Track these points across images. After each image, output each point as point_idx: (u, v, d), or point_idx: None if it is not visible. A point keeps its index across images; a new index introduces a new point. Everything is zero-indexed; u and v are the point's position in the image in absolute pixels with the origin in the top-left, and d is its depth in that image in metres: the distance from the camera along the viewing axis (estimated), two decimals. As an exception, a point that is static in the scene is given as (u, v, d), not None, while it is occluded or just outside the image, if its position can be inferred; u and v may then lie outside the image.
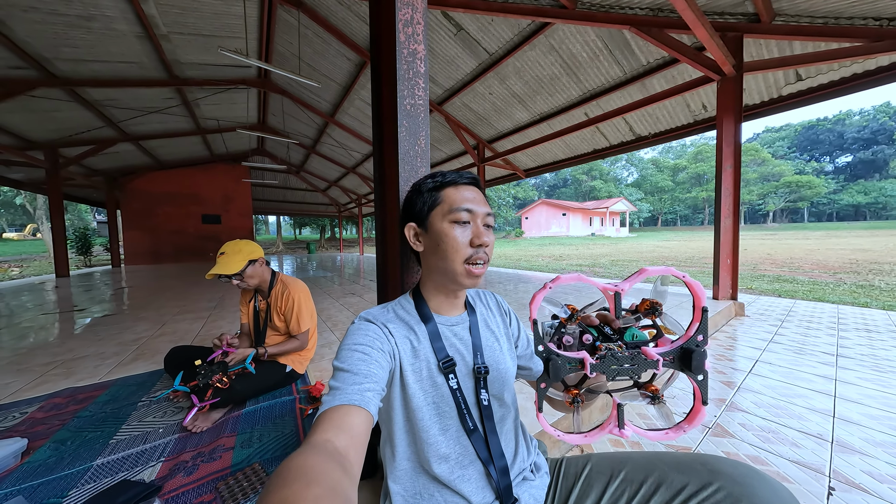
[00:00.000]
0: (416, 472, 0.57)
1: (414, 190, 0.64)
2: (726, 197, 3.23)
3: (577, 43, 4.12)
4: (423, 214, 0.60)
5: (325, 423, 0.40)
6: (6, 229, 39.46)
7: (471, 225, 0.58)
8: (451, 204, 0.58)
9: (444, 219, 0.58)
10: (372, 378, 0.47)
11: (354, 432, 0.40)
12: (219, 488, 0.93)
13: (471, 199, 0.58)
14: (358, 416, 0.42)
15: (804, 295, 4.12)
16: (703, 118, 4.51)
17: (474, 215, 0.58)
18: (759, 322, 2.85)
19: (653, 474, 0.54)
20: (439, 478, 0.54)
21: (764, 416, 1.40)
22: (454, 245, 0.56)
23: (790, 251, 10.74)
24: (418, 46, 0.81)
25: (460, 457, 0.56)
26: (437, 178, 0.62)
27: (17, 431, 1.29)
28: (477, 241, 0.56)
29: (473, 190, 0.61)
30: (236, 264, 1.42)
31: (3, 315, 3.57)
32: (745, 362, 1.98)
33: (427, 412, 0.55)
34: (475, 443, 0.57)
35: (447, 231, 0.57)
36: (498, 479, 0.55)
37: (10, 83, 4.89)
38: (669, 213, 56.07)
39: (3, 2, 3.71)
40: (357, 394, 0.44)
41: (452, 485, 0.54)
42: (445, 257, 0.57)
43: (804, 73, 3.42)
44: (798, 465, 1.09)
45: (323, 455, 0.33)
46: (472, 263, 0.56)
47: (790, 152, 56.12)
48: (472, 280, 0.57)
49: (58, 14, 4.03)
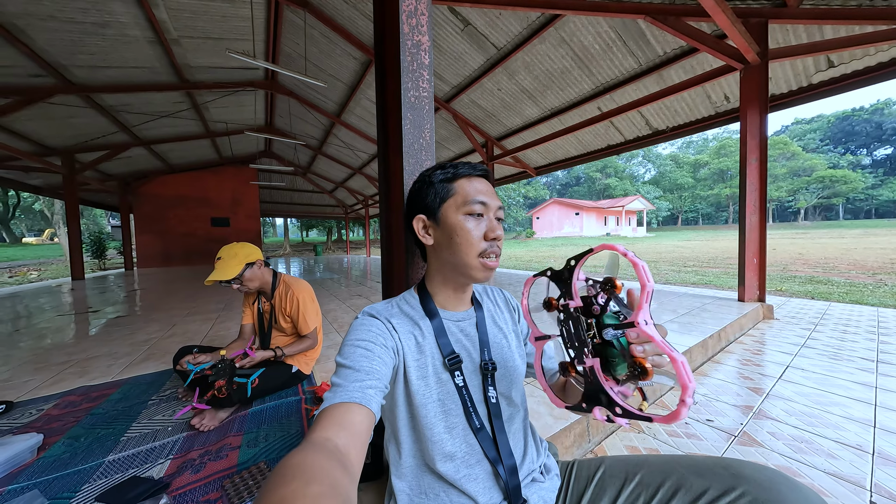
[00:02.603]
0: (421, 470, 0.57)
1: (423, 181, 0.63)
2: (752, 192, 3.13)
3: (588, 34, 4.08)
4: (435, 206, 0.60)
5: (325, 420, 0.40)
6: (26, 234, 41.67)
7: (485, 218, 0.58)
8: (466, 196, 0.57)
9: (458, 211, 0.57)
10: (374, 375, 0.47)
11: (355, 430, 0.40)
12: (225, 486, 0.95)
13: (484, 192, 0.58)
14: (359, 413, 0.42)
15: (840, 297, 3.93)
16: (726, 110, 4.38)
17: (488, 208, 0.58)
18: (790, 325, 2.73)
19: (670, 478, 0.53)
20: (445, 476, 0.54)
21: (796, 424, 1.34)
22: (468, 239, 0.56)
23: (824, 250, 10.27)
24: (422, 38, 0.81)
25: (467, 455, 0.56)
26: (449, 169, 0.61)
27: (33, 427, 1.35)
28: (491, 234, 0.57)
29: (485, 182, 0.61)
30: (233, 269, 1.43)
31: (23, 316, 3.77)
32: (774, 368, 1.90)
33: (432, 409, 0.55)
34: (482, 441, 0.56)
35: (462, 224, 0.56)
36: (507, 479, 0.55)
37: (30, 91, 5.18)
38: (690, 211, 54.52)
39: (25, 11, 3.94)
40: (358, 391, 0.44)
41: (458, 484, 0.54)
42: (459, 251, 0.56)
43: (836, 59, 3.28)
44: (835, 477, 1.04)
45: (323, 453, 0.34)
46: (485, 257, 0.56)
47: (823, 145, 53.78)
48: (486, 273, 0.57)
49: (75, 22, 4.25)
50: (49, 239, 37.08)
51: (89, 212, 33.13)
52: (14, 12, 3.91)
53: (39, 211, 31.23)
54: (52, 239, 36.85)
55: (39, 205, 26.90)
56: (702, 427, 1.35)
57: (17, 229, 38.08)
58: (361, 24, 4.99)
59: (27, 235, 41.42)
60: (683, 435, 1.30)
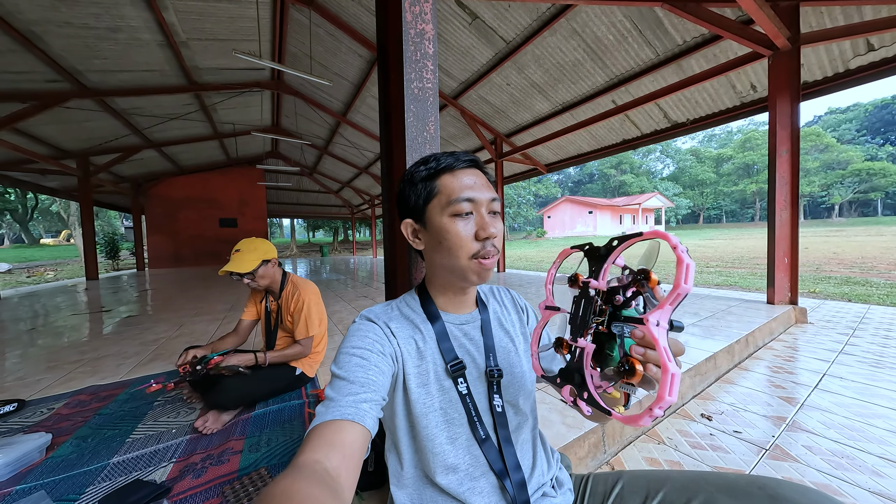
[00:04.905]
0: (422, 482, 0.55)
1: (406, 180, 0.58)
2: (782, 186, 2.99)
3: (602, 25, 3.99)
4: (420, 208, 0.56)
5: (315, 440, 0.39)
6: (44, 235, 43.80)
7: (474, 216, 0.53)
8: (450, 194, 0.53)
9: (443, 212, 0.53)
10: (370, 387, 0.46)
11: (347, 451, 0.38)
12: (225, 492, 0.95)
13: (471, 186, 0.53)
14: (352, 432, 0.40)
15: (880, 299, 3.72)
16: (752, 99, 4.21)
17: (477, 204, 0.53)
18: (826, 330, 2.60)
19: (697, 497, 0.49)
20: (447, 490, 0.52)
21: (835, 438, 1.26)
22: (457, 241, 0.52)
23: (861, 249, 9.78)
24: (426, 26, 0.80)
25: (470, 468, 0.54)
26: (431, 163, 0.56)
27: (44, 426, 1.39)
28: (483, 233, 0.52)
29: (473, 173, 0.55)
30: (250, 263, 1.45)
31: (39, 315, 3.94)
32: (809, 376, 1.80)
33: (433, 419, 0.53)
34: (487, 453, 0.54)
35: (448, 226, 0.52)
36: (514, 494, 0.52)
37: (47, 96, 5.43)
38: (713, 208, 52.81)
39: (43, 18, 4.13)
40: (352, 406, 0.42)
41: (462, 497, 0.52)
42: (449, 255, 0.53)
43: (877, 41, 3.11)
44: (881, 496, 0.96)
45: (310, 479, 0.32)
46: (480, 258, 0.52)
47: (859, 136, 51.23)
48: (483, 275, 0.54)
49: (89, 27, 4.43)
50: (65, 240, 38.86)
51: (104, 213, 34.59)
52: (32, 19, 4.10)
53: (56, 213, 32.76)
54: (68, 240, 38.60)
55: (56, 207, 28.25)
56: (728, 439, 1.29)
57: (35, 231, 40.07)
58: (367, 20, 5.03)
59: (45, 237, 43.53)
60: (709, 447, 1.24)
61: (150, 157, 9.33)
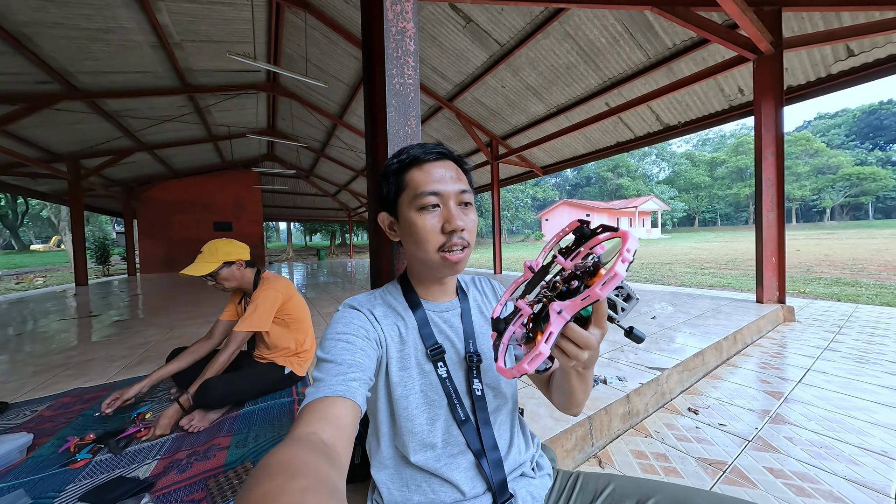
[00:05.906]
0: (402, 461, 0.56)
1: (381, 174, 0.60)
2: (768, 188, 3.06)
3: (594, 28, 4.08)
4: (392, 202, 0.58)
5: (309, 415, 0.39)
6: (34, 241, 43.16)
7: (440, 209, 0.54)
8: (416, 188, 0.54)
9: (411, 206, 0.54)
10: (357, 367, 0.47)
11: (341, 424, 0.39)
12: (209, 486, 0.95)
13: (439, 179, 0.54)
14: (343, 406, 0.41)
15: (869, 299, 3.79)
16: (740, 103, 4.32)
17: (444, 197, 0.53)
18: (812, 328, 2.64)
19: None
20: (425, 467, 0.54)
21: (815, 429, 1.29)
22: (423, 235, 0.53)
23: (852, 251, 9.95)
24: (407, 24, 0.82)
25: (448, 446, 0.56)
26: (403, 156, 0.57)
27: (26, 428, 1.38)
28: (448, 226, 0.52)
29: (444, 166, 0.56)
30: (207, 266, 1.42)
31: (26, 321, 3.88)
32: (794, 371, 1.84)
33: (413, 400, 0.55)
34: (466, 434, 0.55)
35: (415, 220, 0.53)
36: (491, 473, 0.54)
37: (37, 98, 5.40)
38: (707, 211, 53.51)
39: (33, 19, 4.12)
40: (342, 384, 0.44)
41: (440, 472, 0.53)
42: (418, 248, 0.55)
43: (857, 46, 3.21)
44: (856, 484, 0.99)
45: (308, 447, 0.33)
46: (447, 251, 0.53)
47: (848, 140, 52.40)
48: (451, 268, 0.55)
49: (80, 28, 4.43)
50: (56, 246, 38.32)
51: (95, 218, 34.20)
52: (22, 20, 4.09)
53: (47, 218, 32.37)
54: (58, 246, 38.08)
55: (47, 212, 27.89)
56: (714, 432, 1.31)
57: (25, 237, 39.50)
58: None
59: (35, 242, 42.90)
60: (694, 440, 1.26)
61: (142, 160, 9.26)
